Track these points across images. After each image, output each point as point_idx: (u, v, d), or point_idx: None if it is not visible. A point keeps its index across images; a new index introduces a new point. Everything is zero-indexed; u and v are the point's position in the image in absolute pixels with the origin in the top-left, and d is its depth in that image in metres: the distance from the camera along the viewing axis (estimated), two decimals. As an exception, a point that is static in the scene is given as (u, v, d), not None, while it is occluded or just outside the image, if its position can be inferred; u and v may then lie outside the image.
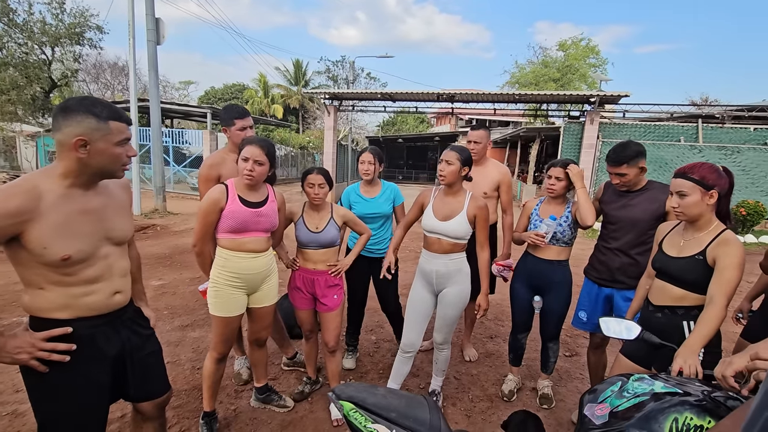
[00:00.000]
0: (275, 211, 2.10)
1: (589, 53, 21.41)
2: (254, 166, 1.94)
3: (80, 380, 1.35)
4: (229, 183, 2.01)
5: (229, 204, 1.96)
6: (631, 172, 2.15)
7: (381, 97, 12.58)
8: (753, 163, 9.65)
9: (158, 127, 8.90)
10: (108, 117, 1.28)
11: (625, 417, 1.04)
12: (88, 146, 1.26)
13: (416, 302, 2.38)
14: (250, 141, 1.98)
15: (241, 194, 1.99)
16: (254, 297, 2.14)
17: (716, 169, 1.61)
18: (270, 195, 2.10)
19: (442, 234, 2.25)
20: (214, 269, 2.05)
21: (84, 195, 1.34)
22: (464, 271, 2.32)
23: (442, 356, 2.47)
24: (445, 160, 2.22)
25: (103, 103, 1.31)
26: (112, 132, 1.29)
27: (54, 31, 14.53)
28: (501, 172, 2.92)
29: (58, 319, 1.32)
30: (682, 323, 1.66)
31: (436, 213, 2.28)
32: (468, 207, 2.23)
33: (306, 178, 2.27)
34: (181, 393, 2.55)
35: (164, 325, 3.52)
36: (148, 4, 8.22)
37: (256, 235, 2.03)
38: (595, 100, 10.12)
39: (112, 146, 1.30)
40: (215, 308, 2.05)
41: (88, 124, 1.25)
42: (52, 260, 1.26)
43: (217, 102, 29.85)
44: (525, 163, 17.57)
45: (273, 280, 2.19)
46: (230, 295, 2.04)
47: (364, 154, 2.78)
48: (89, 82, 23.49)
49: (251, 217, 1.99)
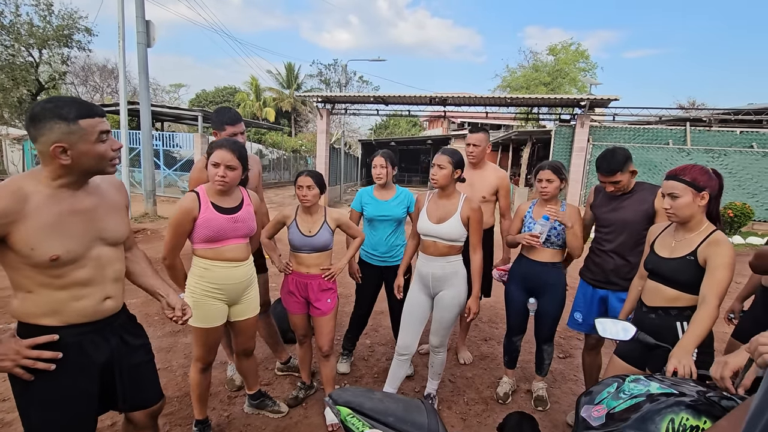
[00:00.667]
0: (252, 214, 2.02)
1: (579, 57, 21.71)
2: (226, 171, 1.85)
3: (67, 389, 1.32)
4: (200, 190, 1.92)
5: (203, 212, 1.86)
6: (625, 177, 2.19)
7: (373, 100, 12.59)
8: (739, 166, 9.83)
9: (148, 130, 8.81)
10: (77, 116, 1.22)
11: (622, 418, 1.05)
12: (69, 151, 1.23)
13: (413, 305, 2.38)
14: (220, 145, 1.87)
15: (215, 201, 1.90)
16: (235, 309, 2.05)
17: (707, 171, 1.63)
18: (245, 198, 2.02)
19: (437, 237, 2.26)
20: (191, 279, 1.95)
21: (73, 195, 1.31)
22: (461, 273, 2.32)
23: (437, 359, 2.47)
24: (437, 164, 2.23)
25: (67, 102, 1.24)
26: (87, 131, 1.24)
27: (41, 33, 14.34)
28: (500, 177, 2.93)
29: (46, 326, 1.29)
30: (675, 324, 1.68)
31: (430, 216, 2.29)
32: (462, 209, 2.24)
33: (297, 179, 2.25)
34: (173, 400, 2.50)
35: (155, 331, 3.46)
36: (138, 7, 8.15)
37: (234, 242, 1.95)
38: (585, 104, 10.24)
39: (93, 145, 1.26)
40: (194, 320, 1.93)
41: (59, 129, 1.21)
42: (41, 261, 1.23)
43: (208, 105, 29.65)
44: (517, 166, 17.70)
45: (254, 291, 2.11)
46: (210, 305, 1.94)
47: (376, 158, 2.76)
48: (78, 84, 23.19)
49: (227, 224, 1.90)
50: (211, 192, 1.93)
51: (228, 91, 32.74)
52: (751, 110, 11.17)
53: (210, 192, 1.93)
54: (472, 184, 2.88)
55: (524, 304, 2.55)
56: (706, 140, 10.23)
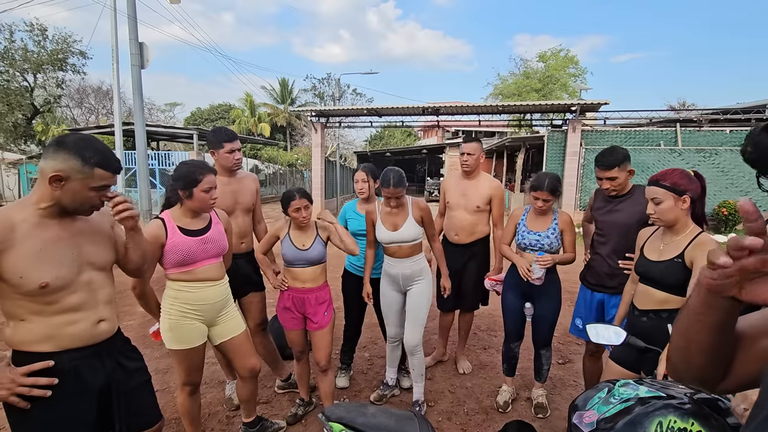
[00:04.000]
0: (222, 233, 2.01)
1: (569, 63, 21.96)
2: (215, 193, 1.91)
3: (65, 415, 1.32)
4: (165, 216, 1.91)
5: (170, 237, 1.85)
6: (621, 175, 2.21)
7: (367, 112, 12.71)
8: (731, 165, 9.92)
9: (144, 150, 8.85)
10: (96, 163, 1.29)
11: (612, 423, 1.06)
12: (63, 183, 1.27)
13: (388, 301, 2.61)
14: (205, 170, 1.89)
15: (181, 225, 1.89)
16: (216, 330, 2.01)
17: (687, 175, 1.67)
18: (213, 217, 2.02)
19: (399, 241, 2.44)
20: (165, 301, 1.92)
21: (59, 222, 1.33)
22: (426, 268, 2.56)
23: (416, 360, 2.53)
24: (394, 197, 2.38)
25: (98, 149, 1.31)
26: (93, 178, 1.29)
27: (36, 58, 14.50)
28: (493, 187, 2.93)
29: (42, 352, 1.30)
30: (666, 326, 1.69)
31: (386, 224, 2.46)
32: (412, 211, 2.46)
33: (289, 204, 2.21)
34: (171, 421, 2.48)
35: (153, 352, 3.44)
36: (132, 29, 8.27)
37: (207, 263, 1.93)
38: (576, 109, 10.36)
39: (87, 190, 1.30)
40: (173, 342, 1.90)
41: (72, 164, 1.26)
42: (30, 289, 1.24)
43: (203, 123, 29.84)
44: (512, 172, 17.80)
45: (231, 309, 2.07)
46: (187, 325, 1.91)
47: (357, 173, 2.77)
48: (73, 107, 23.36)
49: (197, 246, 1.89)
50: (177, 216, 1.92)
51: (223, 108, 32.95)
52: (740, 109, 11.33)
53: (176, 216, 1.92)
54: (466, 193, 2.91)
55: (521, 310, 2.55)
56: (697, 140, 10.33)
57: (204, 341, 1.98)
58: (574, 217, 2.76)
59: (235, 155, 2.45)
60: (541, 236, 2.42)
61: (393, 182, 2.32)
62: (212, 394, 2.83)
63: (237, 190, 2.51)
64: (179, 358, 1.95)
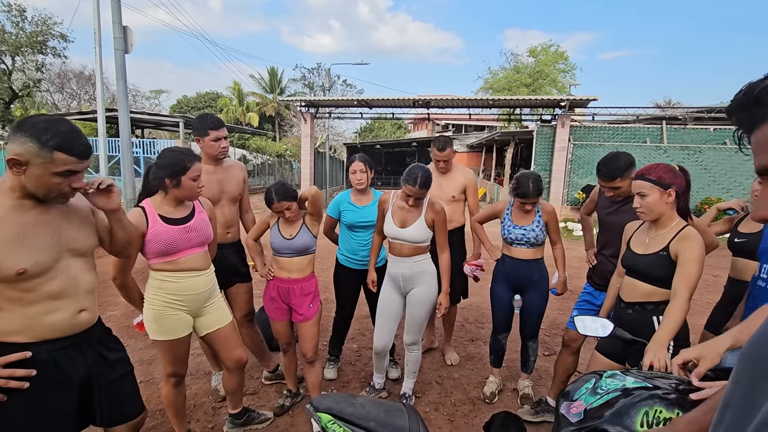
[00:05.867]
0: (206, 221, 1.96)
1: (559, 59, 22.10)
2: (201, 181, 1.87)
3: (43, 407, 1.29)
4: (146, 204, 1.85)
5: (151, 227, 1.79)
6: (625, 184, 2.10)
7: (358, 103, 12.61)
8: (714, 162, 10.13)
9: (128, 137, 8.63)
10: (55, 146, 1.19)
11: (599, 414, 1.07)
12: (24, 167, 1.20)
13: (386, 305, 2.45)
14: (192, 158, 1.85)
15: (163, 213, 1.84)
16: (201, 321, 1.97)
17: (671, 169, 1.69)
18: (196, 206, 1.97)
19: (402, 239, 2.31)
20: (149, 291, 1.87)
21: (37, 206, 1.28)
22: (429, 271, 2.38)
23: (412, 357, 2.51)
24: (414, 197, 2.21)
25: (58, 131, 1.21)
26: (54, 162, 1.20)
27: (14, 40, 13.99)
28: (466, 176, 3.01)
29: (18, 342, 1.26)
30: (651, 318, 1.72)
31: (395, 219, 2.34)
32: (426, 213, 2.29)
33: (271, 206, 2.17)
34: (155, 413, 2.45)
35: (136, 342, 3.38)
36: (115, 12, 8.00)
37: (190, 252, 1.88)
38: (566, 104, 10.45)
39: (49, 175, 1.21)
40: (157, 333, 1.86)
41: (29, 147, 1.19)
42: (8, 275, 1.20)
43: (190, 111, 29.24)
44: (501, 166, 17.92)
45: (217, 300, 2.03)
46: (172, 316, 1.86)
47: (355, 164, 2.68)
48: (53, 92, 22.66)
49: (180, 235, 1.84)
50: (158, 204, 1.86)
51: (210, 96, 32.35)
52: (723, 108, 11.51)
53: (157, 204, 1.86)
54: (440, 185, 2.92)
55: (509, 302, 2.58)
56: (682, 138, 10.52)
57: (189, 332, 1.94)
58: (560, 211, 2.80)
59: (221, 143, 2.39)
60: (527, 230, 2.44)
61: (420, 182, 2.16)
62: (198, 386, 2.79)
63: (223, 179, 2.46)
64: (163, 349, 1.91)
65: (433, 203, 2.32)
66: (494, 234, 2.66)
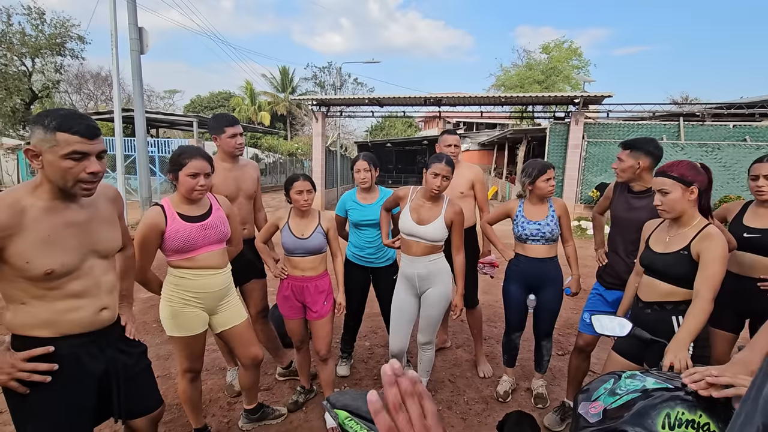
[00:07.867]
0: (223, 218, 1.97)
1: (572, 55, 21.77)
2: (205, 180, 1.85)
3: (64, 401, 1.32)
4: (164, 202, 1.87)
5: (170, 224, 1.82)
6: (628, 161, 2.13)
7: (368, 102, 12.59)
8: (733, 159, 9.87)
9: (143, 137, 8.78)
10: (56, 128, 1.20)
11: (619, 414, 1.05)
12: (41, 157, 1.22)
13: (401, 307, 2.41)
14: (192, 155, 1.84)
15: (181, 211, 1.86)
16: (216, 319, 1.99)
17: (694, 166, 1.65)
18: (213, 203, 1.98)
19: (420, 237, 2.27)
20: (166, 287, 1.90)
21: (68, 207, 1.31)
22: (444, 270, 2.36)
23: (426, 356, 2.50)
24: (442, 175, 2.18)
25: (59, 114, 1.22)
26: (58, 144, 1.21)
27: (34, 42, 14.30)
28: (474, 172, 2.99)
29: (41, 337, 1.29)
30: (671, 318, 1.69)
31: (413, 215, 2.29)
32: (446, 212, 2.26)
33: (293, 185, 2.21)
34: (172, 407, 2.49)
35: (153, 338, 3.45)
36: (131, 14, 8.13)
37: (208, 249, 1.90)
38: (579, 101, 10.27)
39: (59, 159, 1.21)
40: (174, 329, 1.89)
41: (37, 134, 1.21)
42: (36, 274, 1.23)
43: (203, 110, 29.61)
44: (513, 164, 17.73)
45: (232, 298, 2.05)
46: (188, 312, 1.89)
47: (359, 162, 2.69)
48: (71, 93, 23.11)
49: (198, 232, 1.86)
50: (176, 202, 1.88)
51: (223, 95, 32.69)
52: (744, 104, 11.23)
53: (175, 202, 1.88)
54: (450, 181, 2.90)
55: (523, 302, 2.55)
56: (700, 135, 10.27)
57: (205, 329, 1.97)
58: (574, 210, 2.76)
59: (237, 140, 2.42)
60: (541, 225, 2.41)
61: (446, 160, 2.20)
62: (213, 381, 2.84)
63: (239, 176, 2.50)
64: (180, 345, 1.94)
65: (452, 202, 2.30)
66: (504, 232, 2.64)
